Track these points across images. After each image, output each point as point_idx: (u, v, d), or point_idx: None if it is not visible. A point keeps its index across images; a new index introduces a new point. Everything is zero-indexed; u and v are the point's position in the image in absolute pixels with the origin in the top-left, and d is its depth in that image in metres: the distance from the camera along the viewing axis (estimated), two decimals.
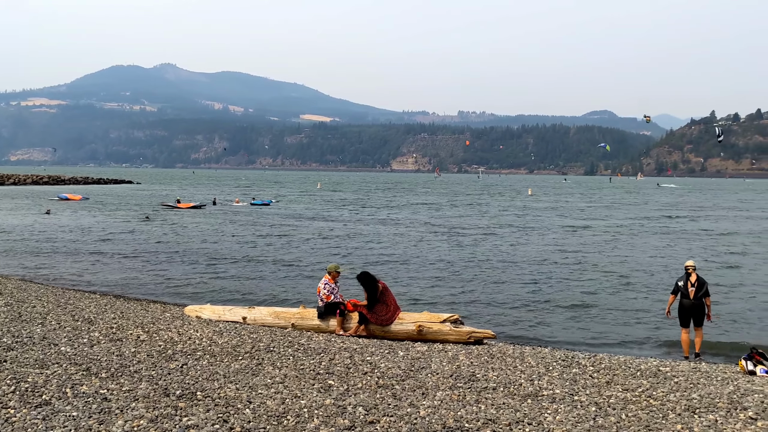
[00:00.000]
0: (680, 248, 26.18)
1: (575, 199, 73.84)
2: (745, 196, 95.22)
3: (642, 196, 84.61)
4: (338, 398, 6.59)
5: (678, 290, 10.84)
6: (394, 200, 65.41)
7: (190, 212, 43.97)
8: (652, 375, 8.51)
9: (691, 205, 63.08)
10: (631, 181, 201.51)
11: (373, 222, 37.64)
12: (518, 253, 24.00)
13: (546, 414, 6.41)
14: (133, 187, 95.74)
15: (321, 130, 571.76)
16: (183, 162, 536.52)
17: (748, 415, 6.58)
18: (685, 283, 10.78)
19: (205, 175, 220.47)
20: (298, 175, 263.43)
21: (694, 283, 10.69)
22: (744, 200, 77.76)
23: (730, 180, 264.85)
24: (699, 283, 10.71)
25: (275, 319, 11.44)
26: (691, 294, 10.65)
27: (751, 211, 55.37)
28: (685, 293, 10.71)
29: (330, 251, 23.88)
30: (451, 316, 10.77)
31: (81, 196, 58.67)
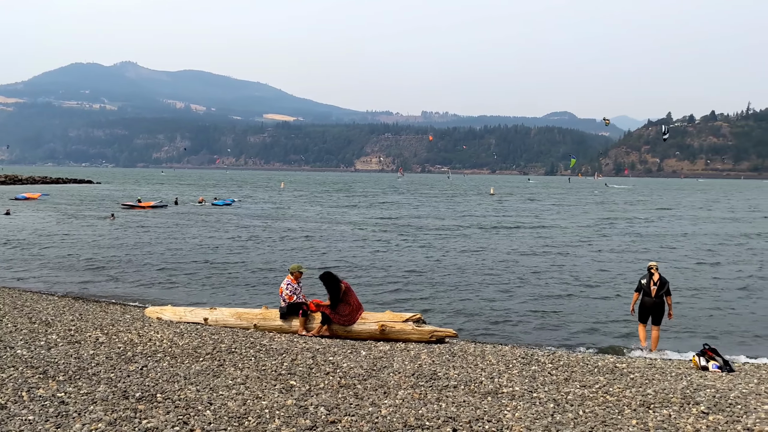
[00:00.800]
0: (637, 247, 26.70)
1: (539, 199, 74.67)
2: (686, 194, 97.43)
3: (592, 197, 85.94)
4: (300, 398, 6.59)
5: (641, 288, 11.24)
6: (359, 200, 65.36)
7: (152, 212, 43.35)
8: (609, 371, 8.69)
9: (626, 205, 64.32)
10: (588, 181, 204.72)
11: (337, 222, 37.59)
12: (481, 252, 24.21)
13: (505, 411, 6.51)
14: (94, 186, 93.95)
15: (284, 130, 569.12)
16: (144, 161, 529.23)
17: (701, 410, 6.76)
18: (648, 281, 11.19)
19: (176, 174, 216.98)
20: (262, 174, 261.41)
21: (657, 282, 11.10)
22: (682, 199, 79.59)
23: (684, 180, 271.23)
24: (661, 282, 11.12)
25: (237, 320, 11.37)
26: (653, 292, 11.07)
27: (683, 209, 56.72)
28: (648, 291, 11.12)
29: (293, 251, 23.80)
30: (413, 315, 10.83)
31: (40, 193, 57.36)
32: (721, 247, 27.15)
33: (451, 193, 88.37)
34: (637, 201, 72.63)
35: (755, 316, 14.02)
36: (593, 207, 58.95)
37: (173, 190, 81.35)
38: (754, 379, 8.56)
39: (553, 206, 59.22)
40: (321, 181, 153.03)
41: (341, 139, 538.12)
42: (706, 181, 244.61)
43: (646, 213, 50.92)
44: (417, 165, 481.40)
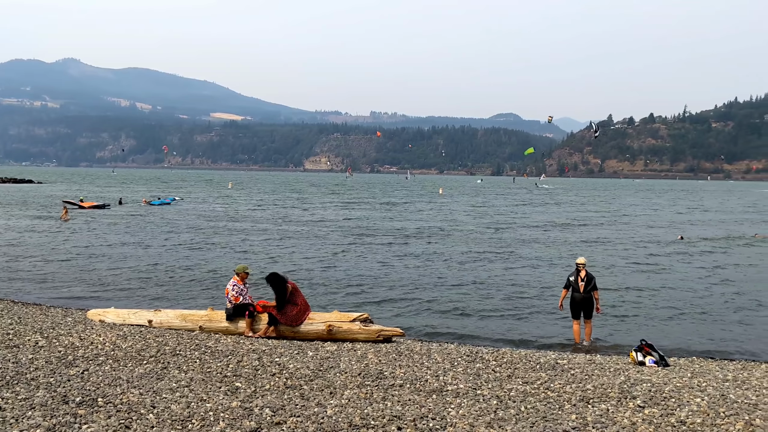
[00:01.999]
0: (575, 246, 27.32)
1: (485, 199, 75.60)
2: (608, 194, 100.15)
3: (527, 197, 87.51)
4: (245, 400, 6.57)
5: (569, 285, 11.66)
6: (308, 200, 65.04)
7: (95, 212, 42.27)
8: (551, 368, 8.91)
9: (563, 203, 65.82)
10: (532, 180, 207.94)
11: (284, 222, 37.34)
12: (427, 252, 24.40)
13: (450, 408, 6.62)
14: (36, 186, 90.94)
15: (232, 129, 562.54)
16: (88, 161, 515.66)
17: (637, 404, 7.01)
18: (575, 278, 11.60)
19: (128, 174, 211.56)
20: (209, 174, 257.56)
21: (584, 279, 11.52)
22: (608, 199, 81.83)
23: (623, 180, 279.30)
24: (588, 278, 11.56)
25: (182, 321, 11.22)
26: (581, 288, 11.48)
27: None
28: (576, 288, 11.53)
29: (239, 252, 23.55)
30: (360, 315, 10.88)
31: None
32: (646, 245, 27.98)
33: (403, 194, 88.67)
34: (567, 201, 74.22)
35: (689, 313, 14.49)
36: (536, 208, 59.97)
37: (124, 190, 79.43)
38: (688, 373, 8.90)
39: (499, 206, 60.07)
40: (270, 181, 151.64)
41: (290, 139, 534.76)
42: (641, 182, 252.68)
43: (575, 213, 52.13)
44: (366, 165, 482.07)
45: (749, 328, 13.12)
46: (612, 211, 53.78)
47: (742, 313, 14.48)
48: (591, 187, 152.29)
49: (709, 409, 6.84)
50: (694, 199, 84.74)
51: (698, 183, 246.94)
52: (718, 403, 7.15)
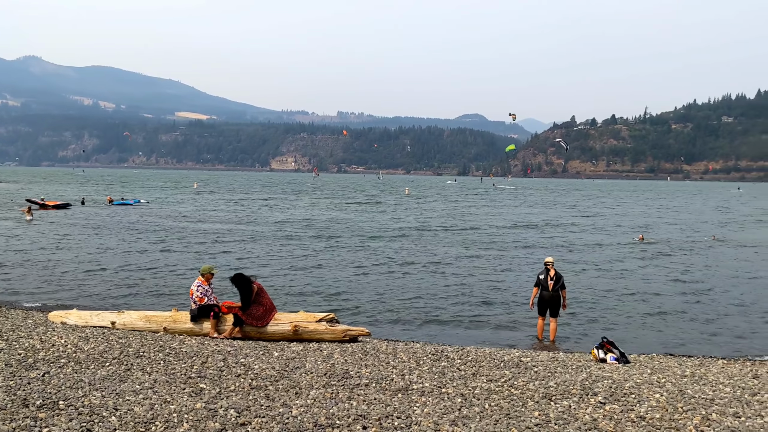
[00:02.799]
0: (538, 246, 27.67)
1: (455, 199, 76.00)
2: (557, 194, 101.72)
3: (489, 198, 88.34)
4: (209, 401, 6.53)
5: (539, 283, 11.97)
6: (274, 200, 64.67)
7: (57, 212, 41.44)
8: (515, 365, 9.02)
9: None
10: (497, 180, 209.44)
11: (250, 222, 37.09)
12: (393, 252, 24.48)
13: (415, 407, 6.67)
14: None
15: (198, 128, 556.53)
16: (50, 160, 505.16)
17: (598, 400, 7.14)
18: (545, 276, 11.93)
19: (93, 174, 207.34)
20: (174, 174, 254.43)
21: (553, 277, 11.86)
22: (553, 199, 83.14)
23: (584, 180, 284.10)
24: (557, 276, 11.89)
25: (146, 323, 11.09)
26: (550, 286, 11.82)
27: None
28: (545, 286, 11.87)
29: (204, 252, 23.34)
30: (326, 315, 10.87)
31: None
32: (606, 246, 28.47)
33: (371, 194, 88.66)
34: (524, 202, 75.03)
35: (649, 311, 14.78)
36: (501, 209, 60.53)
37: (88, 190, 77.99)
38: (648, 370, 9.09)
39: (466, 206, 60.48)
40: (236, 181, 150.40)
41: (256, 139, 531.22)
42: (601, 182, 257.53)
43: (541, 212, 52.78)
44: (333, 165, 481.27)
45: (706, 326, 13.44)
46: (572, 213, 54.45)
47: (699, 312, 14.81)
48: (548, 187, 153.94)
49: (668, 405, 7.00)
50: (652, 200, 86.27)
51: (658, 183, 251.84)
52: (676, 398, 7.32)
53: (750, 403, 7.25)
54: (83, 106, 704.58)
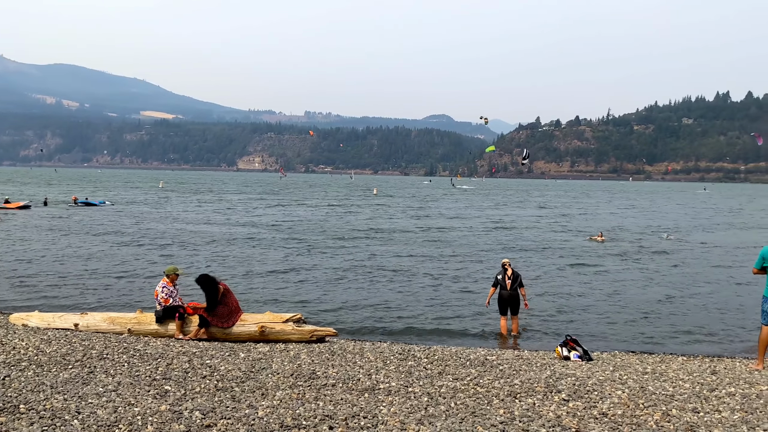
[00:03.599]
0: (501, 246, 27.95)
1: (426, 199, 76.29)
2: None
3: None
4: (174, 403, 6.48)
5: (497, 283, 12.25)
6: (241, 200, 64.16)
7: (20, 213, 40.46)
8: (480, 364, 9.10)
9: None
10: (464, 180, 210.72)
11: (217, 223, 36.77)
12: (361, 252, 24.50)
13: (381, 406, 6.69)
14: None
15: (163, 128, 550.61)
16: (11, 159, 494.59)
17: (562, 397, 7.25)
18: (503, 276, 12.21)
19: (58, 173, 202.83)
20: (140, 174, 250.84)
21: (511, 276, 12.16)
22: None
23: (543, 181, 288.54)
24: (514, 275, 12.20)
25: (110, 324, 10.94)
26: (508, 285, 12.11)
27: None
28: (503, 285, 12.15)
29: (169, 253, 23.08)
30: (293, 315, 10.83)
31: None
32: (566, 245, 28.89)
33: (342, 195, 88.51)
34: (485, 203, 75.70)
35: (611, 309, 15.04)
36: (471, 210, 60.94)
37: (54, 190, 76.43)
38: (610, 367, 9.25)
39: (434, 206, 60.77)
40: (202, 181, 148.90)
41: (223, 138, 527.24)
42: (563, 182, 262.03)
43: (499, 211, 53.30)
44: (301, 165, 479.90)
45: (667, 324, 13.70)
46: (533, 212, 55.04)
47: (660, 310, 15.10)
48: (507, 187, 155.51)
49: (630, 401, 7.13)
50: (611, 200, 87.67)
51: (620, 183, 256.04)
52: (637, 395, 7.46)
53: (708, 398, 7.42)
54: (46, 104, 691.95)
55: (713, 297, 16.77)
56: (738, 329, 13.26)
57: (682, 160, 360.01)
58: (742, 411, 6.89)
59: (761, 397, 7.49)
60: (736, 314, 14.63)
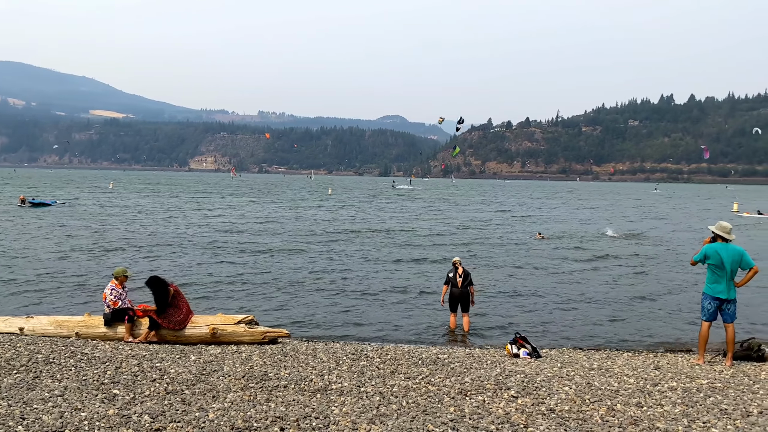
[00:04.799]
0: (451, 246, 28.24)
1: (377, 200, 76.40)
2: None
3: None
4: (123, 407, 6.39)
5: (449, 281, 12.59)
6: (194, 201, 63.23)
7: None
8: (432, 363, 9.20)
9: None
10: (417, 181, 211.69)
11: (167, 224, 36.17)
12: (314, 253, 24.44)
13: (333, 407, 6.72)
14: None
15: (113, 127, 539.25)
16: None
17: (511, 394, 7.38)
18: (454, 274, 12.55)
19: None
20: (89, 173, 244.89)
21: (461, 275, 12.50)
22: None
23: (493, 181, 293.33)
24: (465, 274, 12.54)
25: (57, 328, 10.69)
26: (459, 284, 12.45)
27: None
28: (454, 283, 12.50)
29: (119, 255, 22.63)
30: (246, 317, 10.76)
31: None
32: (508, 244, 29.36)
33: (299, 195, 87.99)
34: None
35: (558, 307, 15.33)
36: (426, 211, 61.29)
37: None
38: (558, 363, 9.45)
39: (387, 206, 60.96)
40: (153, 181, 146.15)
41: (174, 138, 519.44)
42: (513, 182, 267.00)
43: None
44: (254, 165, 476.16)
45: (613, 320, 14.04)
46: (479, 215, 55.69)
47: (606, 306, 15.48)
48: (448, 187, 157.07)
49: (576, 397, 7.31)
50: (554, 200, 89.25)
51: (568, 183, 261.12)
52: (584, 390, 7.64)
53: (651, 393, 7.64)
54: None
55: (657, 294, 17.22)
56: (681, 325, 13.68)
57: (628, 161, 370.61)
58: (683, 404, 7.12)
59: (701, 391, 7.76)
60: (679, 310, 15.07)
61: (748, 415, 6.77)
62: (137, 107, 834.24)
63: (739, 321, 10.76)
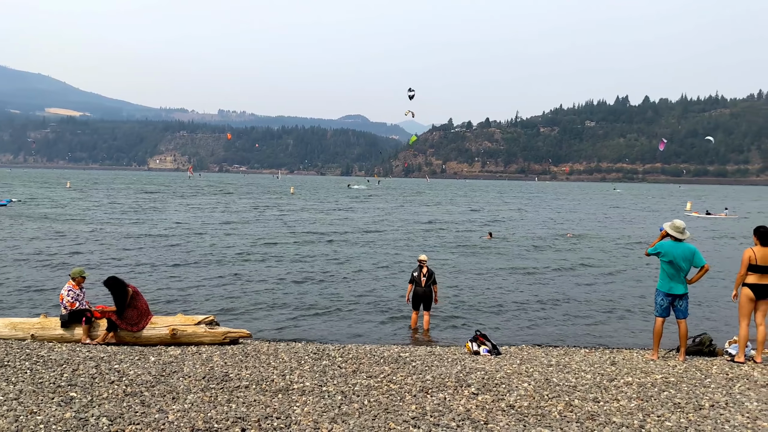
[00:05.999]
0: (414, 245, 28.40)
1: (333, 199, 76.28)
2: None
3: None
4: (80, 410, 6.29)
5: (413, 280, 12.72)
6: (155, 200, 62.25)
7: None
8: (394, 361, 9.25)
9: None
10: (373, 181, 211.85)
11: (127, 223, 35.55)
12: (275, 253, 24.32)
13: (295, 407, 6.72)
14: None
15: (70, 126, 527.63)
16: None
17: (471, 391, 7.48)
18: (418, 273, 12.68)
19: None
20: (45, 173, 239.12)
21: (426, 274, 12.64)
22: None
23: (457, 181, 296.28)
24: (429, 273, 12.69)
25: (12, 330, 10.44)
26: (423, 283, 12.60)
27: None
28: (418, 282, 12.63)
29: (77, 255, 22.18)
30: (206, 317, 10.67)
31: None
32: (460, 245, 29.68)
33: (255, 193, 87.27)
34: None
35: (517, 305, 15.54)
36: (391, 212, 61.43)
37: None
38: (517, 360, 9.60)
39: (345, 206, 60.96)
40: (111, 180, 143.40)
41: (133, 137, 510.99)
42: (471, 182, 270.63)
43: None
44: (214, 164, 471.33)
45: (571, 317, 14.31)
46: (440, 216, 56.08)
47: (564, 303, 15.77)
48: (403, 187, 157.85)
49: (535, 393, 7.44)
50: (508, 200, 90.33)
51: (527, 183, 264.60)
52: (542, 386, 7.78)
53: (608, 388, 7.82)
54: None
55: (614, 291, 17.62)
56: (637, 321, 13.98)
57: (584, 161, 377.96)
58: (638, 399, 7.31)
59: (655, 386, 7.96)
60: (635, 307, 15.41)
61: (700, 408, 6.99)
62: (95, 105, 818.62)
63: (692, 317, 11.08)
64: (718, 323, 13.71)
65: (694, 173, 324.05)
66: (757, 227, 9.47)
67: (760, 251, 9.23)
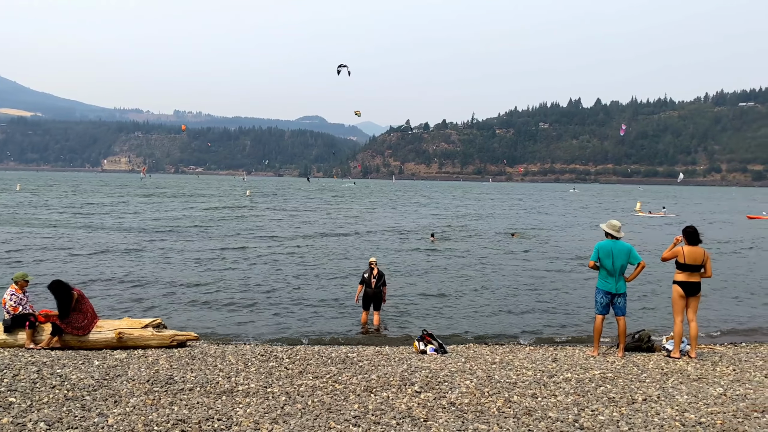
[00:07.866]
0: (364, 246, 28.54)
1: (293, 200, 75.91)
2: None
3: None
4: (18, 415, 6.23)
5: (364, 281, 13.07)
6: (107, 201, 61.05)
7: None
8: (341, 361, 9.35)
9: None
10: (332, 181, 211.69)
11: (74, 225, 34.83)
12: (225, 254, 24.15)
13: (238, 408, 6.76)
14: None
15: (20, 126, 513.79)
16: None
17: (414, 389, 7.62)
18: (369, 275, 13.01)
19: None
20: None
21: (376, 275, 12.98)
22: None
23: (415, 182, 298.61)
24: (379, 275, 13.04)
25: None
26: (373, 284, 12.96)
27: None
28: (369, 283, 12.97)
29: (20, 259, 21.69)
30: (153, 320, 10.61)
31: None
32: (406, 246, 29.99)
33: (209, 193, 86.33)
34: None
35: (465, 303, 15.81)
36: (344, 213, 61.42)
37: None
38: (463, 358, 9.79)
39: (294, 206, 60.79)
40: (62, 182, 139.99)
41: (86, 137, 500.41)
42: (431, 183, 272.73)
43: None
44: (170, 165, 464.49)
45: (515, 315, 14.64)
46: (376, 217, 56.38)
47: (510, 301, 16.11)
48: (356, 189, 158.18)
49: (476, 390, 7.62)
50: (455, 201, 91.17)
51: (482, 184, 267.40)
52: (484, 383, 7.97)
53: (547, 384, 8.05)
54: None
55: (558, 289, 18.03)
56: (579, 319, 14.33)
57: (539, 162, 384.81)
58: (576, 394, 7.55)
59: (593, 381, 8.23)
60: (578, 305, 15.80)
61: (633, 402, 7.26)
62: (46, 105, 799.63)
63: (632, 313, 11.44)
64: (656, 319, 14.16)
65: (645, 174, 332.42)
66: (686, 227, 9.85)
67: (689, 250, 9.59)
